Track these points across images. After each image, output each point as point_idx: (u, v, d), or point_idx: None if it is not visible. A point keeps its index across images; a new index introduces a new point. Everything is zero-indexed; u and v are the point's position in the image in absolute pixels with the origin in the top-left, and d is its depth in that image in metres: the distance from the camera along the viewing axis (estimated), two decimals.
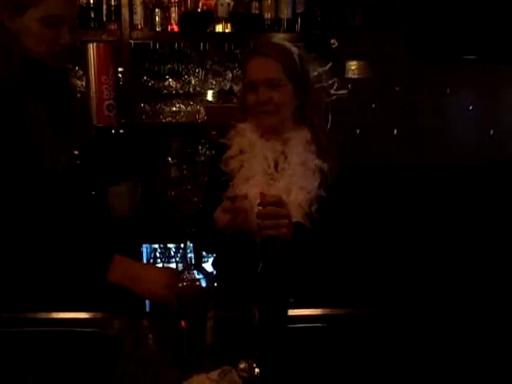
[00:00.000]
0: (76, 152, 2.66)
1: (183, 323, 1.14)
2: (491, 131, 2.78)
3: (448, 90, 2.73)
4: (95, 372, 1.19)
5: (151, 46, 2.69)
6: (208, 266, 1.59)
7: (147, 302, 2.65)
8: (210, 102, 2.80)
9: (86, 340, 1.27)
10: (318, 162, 1.49)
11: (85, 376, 1.21)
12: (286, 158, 1.49)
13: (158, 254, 2.72)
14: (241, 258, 1.44)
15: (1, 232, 1.27)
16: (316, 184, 1.46)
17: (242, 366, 1.04)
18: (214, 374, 1.01)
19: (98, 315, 1.39)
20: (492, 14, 2.63)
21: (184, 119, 2.77)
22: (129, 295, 1.29)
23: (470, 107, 2.75)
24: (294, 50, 1.52)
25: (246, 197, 1.37)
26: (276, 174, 1.48)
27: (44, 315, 1.38)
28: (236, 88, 2.77)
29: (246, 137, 1.52)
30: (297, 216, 1.41)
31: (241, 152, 1.50)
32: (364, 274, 2.43)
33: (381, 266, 2.53)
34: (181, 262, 2.71)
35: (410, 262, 2.56)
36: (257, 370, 1.04)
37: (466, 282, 2.50)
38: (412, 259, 2.57)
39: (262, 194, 1.28)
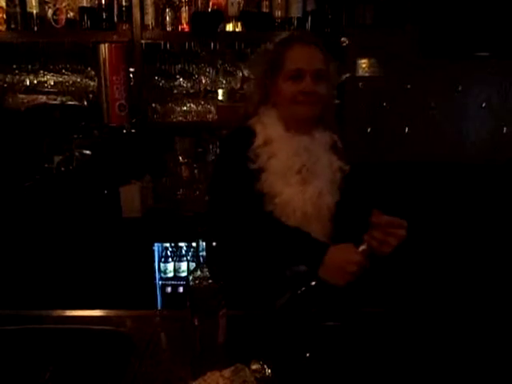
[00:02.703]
0: (88, 152, 2.69)
1: (195, 321, 1.15)
2: (504, 128, 2.74)
3: (460, 88, 2.70)
4: (108, 369, 1.20)
5: (162, 45, 2.70)
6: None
7: (159, 299, 2.68)
8: (221, 101, 2.80)
9: (99, 338, 1.28)
10: (339, 163, 1.49)
11: (98, 373, 1.22)
12: (314, 156, 1.46)
13: (169, 253, 2.73)
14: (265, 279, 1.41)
15: None
16: (337, 186, 1.47)
17: (254, 366, 1.04)
18: (227, 372, 1.02)
19: (112, 313, 1.40)
20: (504, 9, 2.60)
21: (195, 119, 2.78)
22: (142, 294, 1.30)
23: (483, 104, 2.72)
24: None
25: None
26: (307, 173, 1.44)
27: (59, 313, 1.40)
28: (246, 87, 2.77)
29: (271, 127, 1.46)
30: (323, 221, 1.42)
31: (266, 143, 1.44)
32: (371, 273, 2.42)
33: (388, 264, 2.51)
34: (192, 261, 2.72)
35: (419, 261, 2.55)
36: (269, 370, 1.04)
37: (475, 282, 2.48)
38: (422, 258, 2.55)
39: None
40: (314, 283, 1.24)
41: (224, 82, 2.84)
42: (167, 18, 2.62)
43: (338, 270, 1.25)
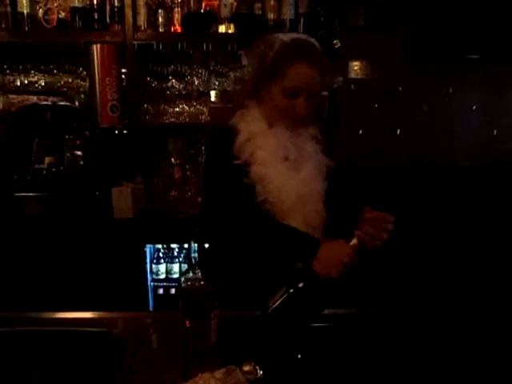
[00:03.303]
0: (79, 153, 2.67)
1: (187, 322, 1.15)
2: (494, 131, 2.77)
3: (451, 90, 2.73)
4: (100, 371, 1.19)
5: (154, 46, 2.70)
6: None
7: (151, 301, 2.67)
8: (213, 102, 2.80)
9: (90, 339, 1.28)
10: (323, 154, 1.51)
11: (89, 375, 1.21)
12: (298, 147, 1.48)
13: (161, 255, 2.73)
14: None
15: None
16: (324, 176, 1.49)
17: (246, 368, 1.04)
18: (219, 373, 1.02)
19: (103, 315, 1.39)
20: (494, 13, 2.63)
21: (187, 120, 2.78)
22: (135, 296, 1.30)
23: (474, 107, 2.75)
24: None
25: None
26: (294, 161, 1.46)
27: (49, 315, 1.39)
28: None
29: (253, 124, 1.47)
30: (317, 203, 1.45)
31: (252, 137, 1.45)
32: (369, 273, 2.43)
33: (384, 265, 2.53)
34: (184, 262, 2.72)
35: (413, 262, 2.56)
36: (260, 372, 1.04)
37: (472, 282, 2.50)
38: (416, 258, 2.57)
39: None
40: (301, 285, 1.25)
41: (216, 83, 2.84)
42: (160, 18, 2.61)
43: (330, 261, 1.28)
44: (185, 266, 2.69)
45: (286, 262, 1.39)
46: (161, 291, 2.72)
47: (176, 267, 2.73)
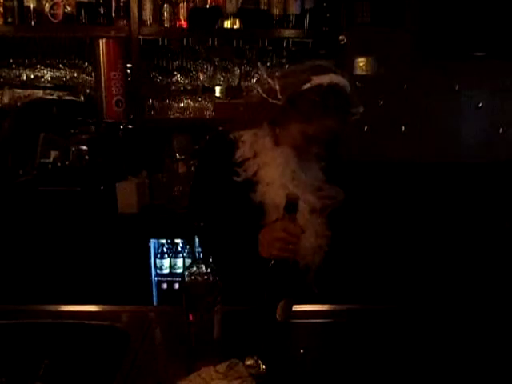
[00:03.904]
0: (84, 147, 2.68)
1: (191, 316, 1.15)
2: (500, 129, 2.76)
3: (457, 87, 2.71)
4: (104, 364, 1.20)
5: (160, 41, 2.70)
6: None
7: (154, 295, 2.69)
8: (218, 98, 2.80)
9: (94, 333, 1.29)
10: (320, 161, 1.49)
11: (93, 368, 1.22)
12: (302, 164, 1.45)
13: (165, 249, 2.74)
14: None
15: None
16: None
17: (248, 362, 1.05)
18: (222, 367, 1.02)
19: (107, 308, 1.40)
20: (501, 10, 2.60)
21: (192, 115, 2.78)
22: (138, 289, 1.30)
23: (480, 104, 2.73)
24: None
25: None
26: (299, 181, 1.43)
27: (54, 308, 1.40)
28: (244, 84, 2.77)
29: (260, 140, 1.44)
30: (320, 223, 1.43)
31: (256, 155, 1.42)
32: (373, 270, 2.43)
33: (387, 262, 2.53)
34: (188, 257, 2.73)
35: (418, 259, 2.56)
36: (263, 366, 1.05)
37: (477, 279, 2.49)
38: (420, 255, 2.57)
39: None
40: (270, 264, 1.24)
41: (222, 78, 2.84)
42: (165, 13, 2.61)
43: (267, 242, 1.26)
44: (189, 261, 2.70)
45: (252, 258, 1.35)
46: (165, 286, 2.73)
47: (180, 262, 2.75)
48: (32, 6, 2.58)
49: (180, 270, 2.72)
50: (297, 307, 1.28)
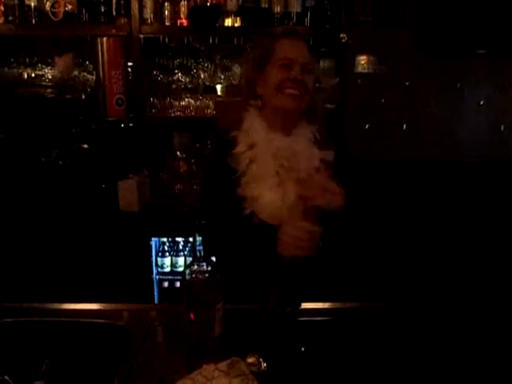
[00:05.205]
0: (86, 145, 2.69)
1: (192, 315, 1.15)
2: (502, 126, 2.75)
3: (458, 85, 2.71)
4: (105, 362, 1.20)
5: (161, 40, 2.70)
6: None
7: (156, 294, 2.69)
8: (219, 96, 2.80)
9: (95, 331, 1.29)
10: (321, 154, 1.49)
11: (95, 366, 1.22)
12: (294, 156, 1.46)
13: (166, 248, 2.74)
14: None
15: None
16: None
17: (250, 360, 1.05)
18: (223, 365, 1.02)
19: (108, 306, 1.40)
20: (502, 8, 2.60)
21: (193, 114, 2.77)
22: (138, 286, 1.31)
23: (481, 102, 2.73)
24: None
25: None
26: (285, 175, 1.45)
27: (55, 306, 1.40)
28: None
29: (254, 130, 1.48)
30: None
31: (250, 147, 1.46)
32: (373, 269, 2.43)
33: (388, 261, 2.53)
34: (189, 256, 2.73)
35: (418, 257, 2.56)
36: (264, 364, 1.05)
37: (478, 277, 2.49)
38: (421, 254, 2.56)
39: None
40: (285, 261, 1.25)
41: (222, 77, 2.84)
42: (166, 12, 2.61)
43: (290, 242, 1.28)
44: (190, 260, 2.70)
45: (265, 257, 1.37)
46: (166, 284, 2.73)
47: (181, 260, 2.75)
48: (33, 4, 2.58)
49: (181, 269, 2.72)
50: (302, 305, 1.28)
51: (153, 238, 2.63)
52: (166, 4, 2.61)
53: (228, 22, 2.63)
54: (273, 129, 1.49)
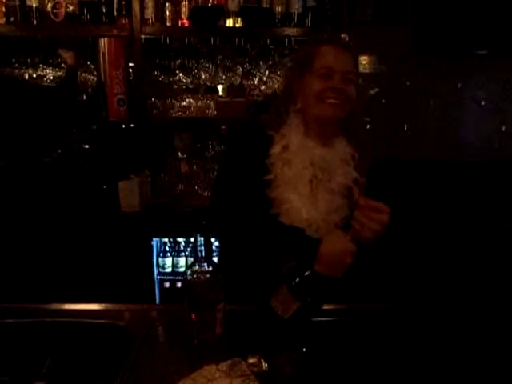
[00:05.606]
0: (87, 146, 2.69)
1: (193, 315, 1.15)
2: (503, 127, 2.75)
3: (459, 85, 2.71)
4: (106, 363, 1.20)
5: (162, 40, 2.70)
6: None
7: (157, 294, 2.69)
8: (221, 96, 2.80)
9: (97, 331, 1.29)
10: (355, 174, 1.47)
11: (96, 366, 1.22)
12: (328, 169, 1.44)
13: (167, 248, 2.74)
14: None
15: None
16: (349, 200, 1.45)
17: (251, 360, 1.05)
18: (224, 365, 1.02)
19: (109, 307, 1.40)
20: (503, 8, 2.60)
21: (194, 114, 2.77)
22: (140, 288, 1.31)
23: (482, 102, 2.73)
24: None
25: None
26: (317, 185, 1.43)
27: (56, 306, 1.40)
28: (246, 83, 2.77)
29: (291, 133, 1.44)
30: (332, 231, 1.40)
31: (283, 150, 1.43)
32: (378, 270, 2.43)
33: (389, 261, 2.52)
34: (191, 256, 2.73)
35: (419, 258, 2.55)
36: (265, 364, 1.05)
37: (478, 278, 2.49)
38: (421, 254, 2.56)
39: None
40: (307, 273, 1.25)
41: (224, 77, 2.83)
42: (167, 12, 2.61)
43: (333, 262, 1.26)
44: (191, 260, 2.70)
45: (284, 261, 1.36)
46: (167, 285, 2.74)
47: (182, 261, 2.75)
48: (34, 5, 2.58)
49: (182, 269, 2.72)
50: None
51: (154, 239, 2.64)
52: (167, 4, 2.61)
53: (229, 22, 2.63)
54: (310, 136, 1.45)
